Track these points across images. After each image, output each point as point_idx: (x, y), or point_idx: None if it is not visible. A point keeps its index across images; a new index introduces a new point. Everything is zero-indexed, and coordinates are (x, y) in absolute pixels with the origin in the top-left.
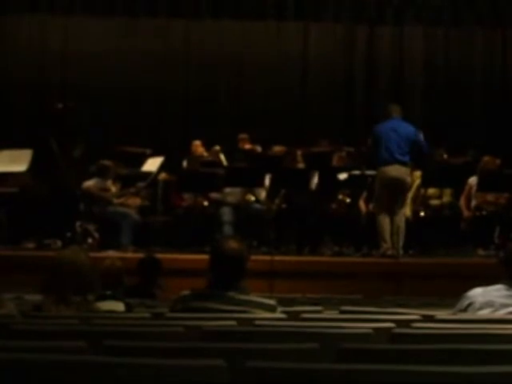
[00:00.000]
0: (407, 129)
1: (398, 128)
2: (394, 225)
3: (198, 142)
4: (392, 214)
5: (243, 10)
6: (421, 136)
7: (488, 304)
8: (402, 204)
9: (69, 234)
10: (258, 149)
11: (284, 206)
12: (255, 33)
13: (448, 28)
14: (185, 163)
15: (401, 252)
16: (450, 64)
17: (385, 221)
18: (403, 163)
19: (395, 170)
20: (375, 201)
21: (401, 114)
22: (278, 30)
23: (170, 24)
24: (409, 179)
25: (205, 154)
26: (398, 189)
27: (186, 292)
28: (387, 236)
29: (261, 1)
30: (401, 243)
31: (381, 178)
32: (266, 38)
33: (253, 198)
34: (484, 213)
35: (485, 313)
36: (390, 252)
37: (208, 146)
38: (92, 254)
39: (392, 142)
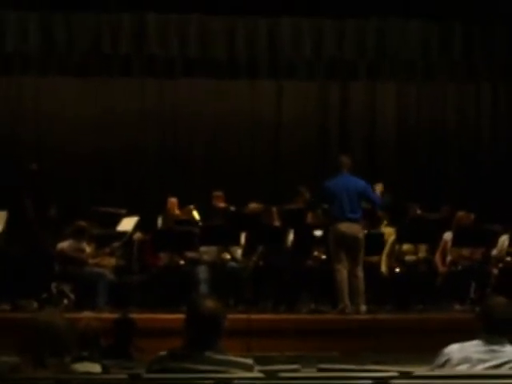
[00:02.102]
0: (357, 183)
1: (348, 184)
2: (352, 285)
3: (173, 200)
4: (349, 272)
5: (216, 69)
6: (370, 189)
7: (465, 360)
8: (357, 262)
9: (44, 295)
10: (232, 209)
11: (260, 263)
12: (228, 91)
13: (421, 83)
14: (160, 221)
15: (364, 308)
16: (422, 119)
17: (342, 278)
18: (355, 220)
19: (347, 228)
20: (332, 258)
21: (350, 166)
22: (251, 88)
23: (144, 83)
24: (361, 235)
25: (177, 211)
26: (351, 246)
27: (163, 352)
28: (345, 292)
29: (233, 60)
30: (362, 301)
31: (334, 235)
32: (239, 96)
33: (228, 257)
34: (459, 268)
35: (462, 369)
36: (348, 310)
37: (183, 203)
38: (68, 315)
39: (343, 199)
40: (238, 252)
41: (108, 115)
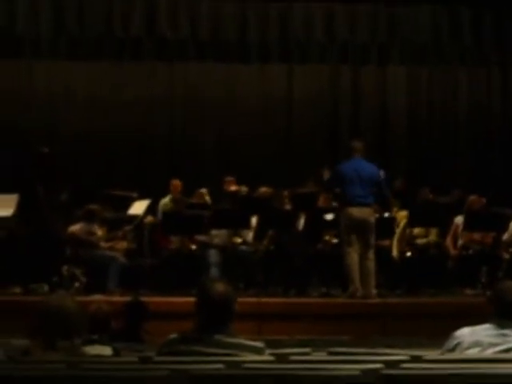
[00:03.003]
0: (370, 170)
1: (361, 169)
2: (363, 268)
3: (177, 181)
4: (360, 255)
5: (228, 53)
6: (382, 175)
7: (476, 344)
8: (369, 245)
9: (55, 279)
10: (244, 189)
11: (271, 247)
12: (239, 76)
13: (432, 67)
14: (164, 201)
15: (374, 292)
16: (433, 103)
17: (352, 261)
18: (366, 204)
19: (359, 212)
20: (342, 241)
21: (363, 151)
22: (262, 72)
23: (155, 67)
24: (372, 220)
25: (178, 194)
26: (362, 230)
27: (173, 335)
28: (356, 276)
29: (245, 43)
30: (373, 284)
31: (345, 219)
32: (251, 80)
33: (239, 240)
34: (470, 252)
35: (473, 352)
36: (358, 293)
37: (194, 188)
38: (79, 298)
39: (355, 183)
40: (249, 236)
41: (119, 99)
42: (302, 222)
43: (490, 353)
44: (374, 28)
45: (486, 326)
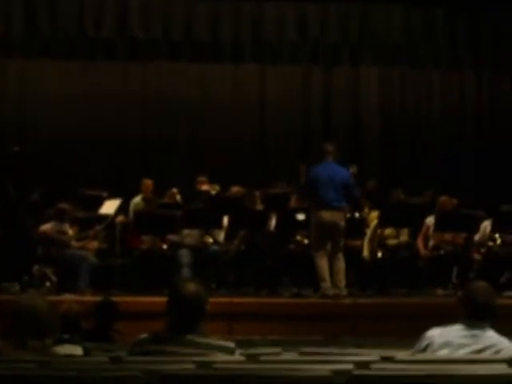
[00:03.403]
0: (342, 173)
1: (333, 173)
2: (333, 268)
3: (148, 181)
4: (330, 256)
5: (200, 53)
6: (354, 170)
7: (446, 344)
8: (338, 248)
9: (26, 278)
10: (216, 188)
11: (242, 247)
12: (212, 76)
13: (405, 68)
14: (135, 201)
15: (345, 292)
16: (406, 104)
17: (322, 261)
18: (338, 208)
19: (330, 215)
20: (312, 242)
21: (335, 154)
22: (235, 72)
23: (128, 67)
24: (343, 223)
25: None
26: (332, 233)
27: (144, 335)
28: (326, 275)
29: (218, 43)
30: (343, 283)
31: (316, 221)
32: (223, 80)
33: (211, 240)
34: (442, 252)
35: (443, 353)
36: (330, 292)
37: (166, 188)
38: (50, 298)
39: (328, 187)
40: (221, 235)
41: (92, 98)
42: (273, 222)
43: (460, 353)
44: (346, 28)
45: (457, 326)
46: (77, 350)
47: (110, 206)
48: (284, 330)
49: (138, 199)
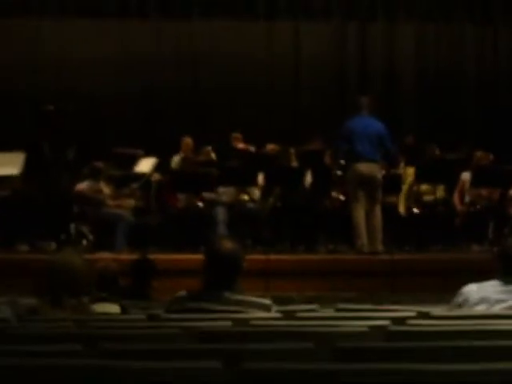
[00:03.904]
0: (377, 126)
1: (369, 125)
2: (369, 223)
3: (188, 139)
4: (367, 211)
5: (234, 11)
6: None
7: (483, 300)
8: (376, 201)
9: (63, 236)
10: (252, 149)
11: (278, 204)
12: (246, 33)
13: (439, 25)
14: (174, 160)
15: (381, 248)
16: (441, 60)
17: (359, 217)
18: (374, 161)
19: (366, 168)
20: (349, 196)
21: (370, 108)
22: (268, 29)
23: (161, 25)
24: (379, 176)
25: (191, 152)
26: (369, 186)
27: (182, 293)
28: (362, 232)
29: (251, 1)
30: (379, 239)
31: (352, 174)
32: (257, 37)
33: (246, 197)
34: (478, 208)
35: (480, 309)
36: (365, 249)
37: (201, 145)
38: (86, 256)
39: (363, 139)
40: (256, 193)
41: (125, 56)
42: (308, 178)
43: (496, 309)
44: None
45: (493, 282)
46: (114, 308)
47: (145, 165)
48: (320, 287)
49: (177, 158)
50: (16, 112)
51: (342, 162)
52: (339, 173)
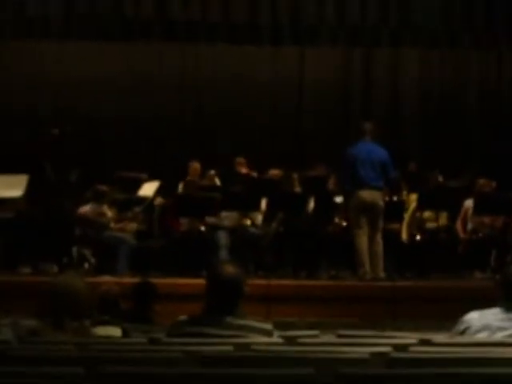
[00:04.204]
0: (380, 152)
1: (372, 151)
2: (371, 250)
3: (196, 164)
4: (369, 238)
5: (238, 35)
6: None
7: (485, 327)
8: (377, 228)
9: (65, 259)
10: (255, 174)
11: (281, 229)
12: (251, 57)
13: (443, 50)
14: (181, 186)
15: (382, 275)
16: (445, 86)
17: (362, 244)
18: (377, 188)
19: (369, 195)
20: (351, 224)
21: (373, 134)
22: (273, 54)
23: (165, 48)
24: (382, 203)
25: (198, 177)
26: (372, 213)
27: (183, 317)
28: (366, 259)
29: (256, 25)
30: (381, 266)
31: (355, 201)
32: (262, 63)
33: (249, 222)
34: (480, 235)
35: (482, 336)
36: (368, 276)
37: (204, 169)
38: (88, 279)
39: (367, 165)
40: (259, 218)
41: (129, 79)
42: (311, 204)
43: (498, 336)
44: (386, 10)
45: (495, 309)
46: (116, 331)
47: (148, 188)
48: (322, 313)
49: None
50: (17, 133)
51: (347, 187)
52: (339, 200)
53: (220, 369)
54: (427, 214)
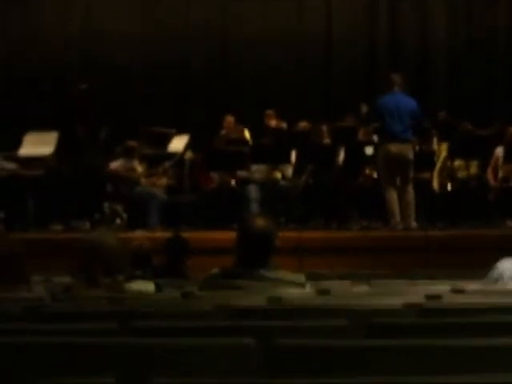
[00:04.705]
0: (410, 103)
1: (401, 103)
2: (402, 201)
3: (231, 118)
4: (399, 189)
5: None
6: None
7: None
8: (407, 180)
9: (97, 215)
10: (284, 125)
11: (311, 181)
12: (277, 9)
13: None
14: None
15: (414, 224)
16: (474, 32)
17: (392, 196)
18: (406, 140)
19: (398, 147)
20: (380, 177)
21: (402, 85)
22: (300, 5)
23: (191, 1)
24: (411, 155)
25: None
26: (401, 166)
27: (215, 270)
28: (396, 210)
29: None
30: (412, 216)
31: (383, 154)
32: (289, 13)
33: (279, 175)
34: (511, 184)
35: None
36: (399, 227)
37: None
38: (120, 235)
39: (395, 117)
40: (289, 170)
41: (156, 32)
42: (341, 156)
43: None
44: None
45: None
46: (149, 286)
47: (178, 143)
48: (354, 264)
49: None
50: (46, 89)
51: (375, 138)
52: (369, 151)
53: (253, 321)
54: (458, 162)
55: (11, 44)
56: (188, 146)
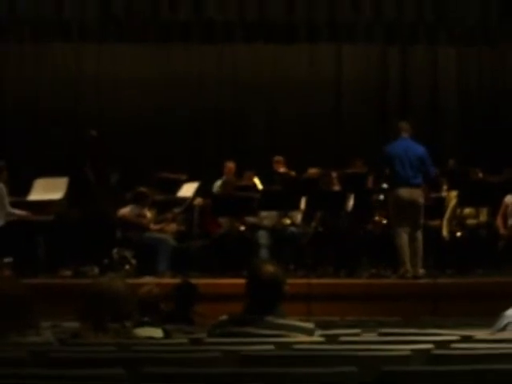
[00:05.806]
0: (418, 149)
1: (409, 149)
2: (411, 248)
3: (231, 164)
4: (409, 235)
5: (275, 34)
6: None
7: None
8: (417, 226)
9: (106, 261)
10: (293, 174)
11: (320, 228)
12: (288, 56)
13: (480, 47)
14: (216, 185)
15: (422, 272)
16: (484, 83)
17: (403, 242)
18: (415, 185)
19: (408, 193)
20: (392, 222)
21: (411, 131)
22: (310, 52)
23: (203, 49)
24: (421, 200)
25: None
26: (411, 211)
27: (224, 317)
28: (407, 258)
29: (292, 23)
30: (420, 264)
31: (394, 199)
32: (299, 61)
33: (289, 222)
34: None
35: None
36: (409, 274)
37: (243, 169)
38: (129, 281)
39: (405, 162)
40: (298, 217)
41: (167, 81)
42: (351, 202)
43: None
44: (422, 7)
45: None
46: (157, 332)
47: (188, 189)
48: (363, 311)
49: (219, 182)
50: (57, 137)
51: (384, 185)
52: (381, 197)
53: (261, 368)
54: (467, 210)
55: (23, 91)
56: (198, 193)
